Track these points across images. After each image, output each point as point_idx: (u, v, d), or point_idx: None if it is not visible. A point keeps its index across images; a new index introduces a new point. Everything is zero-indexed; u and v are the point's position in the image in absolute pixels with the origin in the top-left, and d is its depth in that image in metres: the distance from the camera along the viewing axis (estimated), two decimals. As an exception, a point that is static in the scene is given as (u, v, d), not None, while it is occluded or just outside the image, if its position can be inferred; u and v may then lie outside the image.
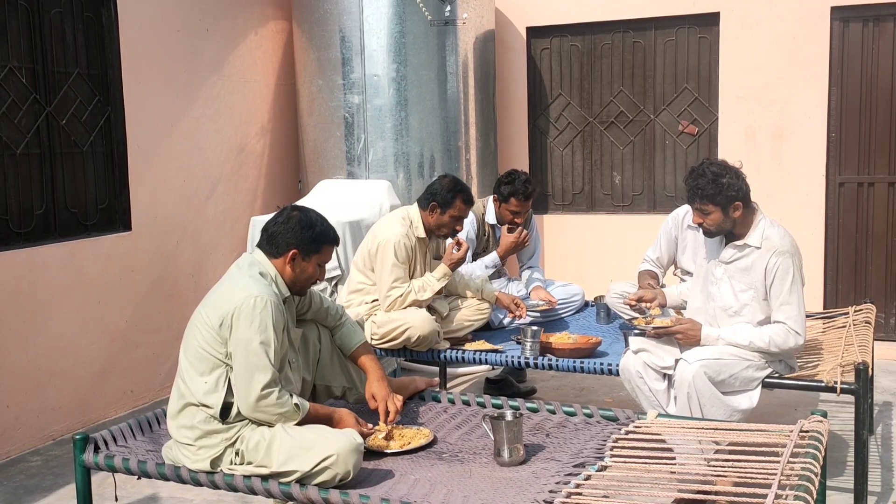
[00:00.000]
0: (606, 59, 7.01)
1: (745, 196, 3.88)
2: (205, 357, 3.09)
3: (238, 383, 3.06)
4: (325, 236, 3.29)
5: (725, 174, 3.84)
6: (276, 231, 3.24)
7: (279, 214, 3.30)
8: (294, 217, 3.26)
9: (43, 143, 5.15)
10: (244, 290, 3.09)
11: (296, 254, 3.22)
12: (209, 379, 3.09)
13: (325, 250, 3.29)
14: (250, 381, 3.03)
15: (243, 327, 3.04)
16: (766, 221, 3.94)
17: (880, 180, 6.31)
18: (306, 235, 3.23)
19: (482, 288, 4.91)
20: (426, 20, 6.18)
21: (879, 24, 6.20)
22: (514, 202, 5.16)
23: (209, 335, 3.09)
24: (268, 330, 3.06)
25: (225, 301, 3.10)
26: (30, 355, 4.96)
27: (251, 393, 3.03)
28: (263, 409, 3.05)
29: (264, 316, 3.06)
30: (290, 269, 3.23)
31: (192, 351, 3.13)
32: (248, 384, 3.04)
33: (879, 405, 5.28)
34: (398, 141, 6.21)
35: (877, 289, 6.37)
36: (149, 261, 5.74)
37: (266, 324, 3.06)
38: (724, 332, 3.92)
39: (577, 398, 5.54)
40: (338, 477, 2.92)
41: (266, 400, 3.04)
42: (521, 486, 2.88)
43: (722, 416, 3.74)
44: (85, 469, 3.23)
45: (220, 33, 6.26)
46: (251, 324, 3.04)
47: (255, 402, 3.03)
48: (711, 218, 3.89)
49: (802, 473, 2.60)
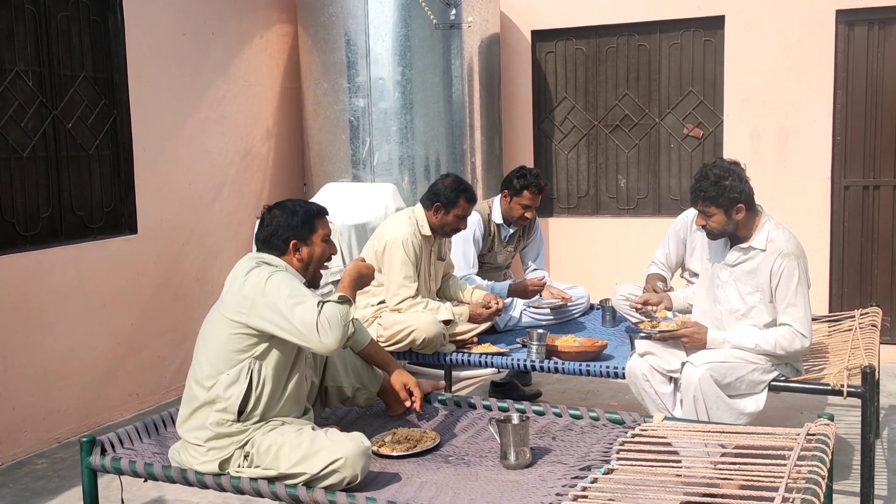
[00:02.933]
0: (611, 63, 7.01)
1: (747, 198, 3.88)
2: (229, 355, 3.08)
3: (301, 329, 2.99)
4: (312, 212, 3.31)
5: (728, 176, 3.85)
6: (268, 234, 3.27)
7: (262, 221, 3.33)
8: (274, 214, 3.29)
9: (49, 147, 5.17)
10: (259, 276, 3.09)
11: (296, 243, 3.24)
12: (231, 372, 3.07)
13: (319, 224, 3.30)
14: (307, 314, 2.98)
15: (270, 290, 3.02)
16: (771, 224, 3.94)
17: (886, 183, 6.30)
18: (294, 222, 3.25)
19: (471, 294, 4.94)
20: (431, 24, 6.19)
21: (885, 27, 6.19)
22: (527, 195, 5.17)
23: (234, 327, 3.07)
24: (294, 285, 3.06)
25: (247, 292, 3.07)
26: (36, 358, 4.97)
27: (308, 320, 2.97)
28: (327, 322, 2.98)
29: (285, 280, 3.06)
30: (297, 261, 3.26)
31: (213, 349, 3.11)
32: (308, 316, 2.97)
33: (885, 409, 5.27)
34: (403, 144, 6.22)
35: (882, 292, 6.36)
36: (154, 264, 5.75)
37: (290, 283, 3.06)
38: (729, 335, 3.92)
39: (582, 401, 5.54)
40: (345, 480, 2.91)
41: (322, 314, 2.98)
42: (527, 490, 2.87)
43: (728, 419, 3.74)
44: (91, 471, 3.24)
45: (225, 37, 6.28)
46: (277, 286, 3.03)
47: (316, 322, 2.97)
48: (714, 220, 3.90)
49: (809, 477, 2.59)
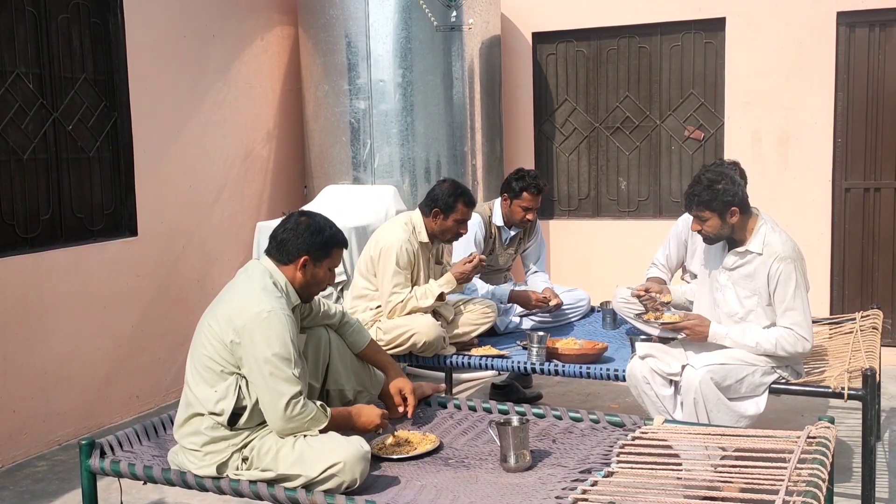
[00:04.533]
0: (612, 65, 7.01)
1: (741, 202, 3.89)
2: (214, 368, 3.08)
3: (265, 401, 3.04)
4: (335, 240, 3.28)
5: (721, 180, 3.86)
6: (286, 238, 3.22)
7: (287, 221, 3.28)
8: (303, 223, 3.24)
9: (49, 149, 5.17)
10: (257, 305, 3.06)
11: (307, 260, 3.20)
12: (219, 388, 3.07)
13: (335, 254, 3.28)
14: (277, 396, 3.01)
15: (259, 344, 3.01)
16: (768, 227, 3.94)
17: (887, 185, 6.29)
18: (316, 241, 3.22)
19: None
20: (432, 26, 6.18)
21: (886, 29, 6.19)
22: (526, 196, 5.16)
23: (220, 347, 3.07)
24: (286, 343, 3.04)
25: (236, 316, 3.06)
26: (36, 360, 4.97)
27: (279, 407, 3.01)
28: (295, 420, 3.03)
29: (279, 329, 3.04)
30: (300, 276, 3.22)
31: (201, 362, 3.12)
32: (276, 399, 3.01)
33: (887, 411, 5.26)
34: (404, 146, 6.21)
35: (884, 294, 6.35)
36: (155, 266, 5.75)
37: (282, 338, 3.03)
38: (732, 330, 3.92)
39: (583, 404, 5.53)
40: (344, 485, 2.91)
41: (295, 409, 3.02)
42: (527, 492, 2.87)
43: (729, 421, 3.74)
44: (91, 474, 3.24)
45: (226, 39, 6.28)
46: (267, 340, 3.02)
47: (284, 415, 3.01)
48: (709, 224, 3.91)
49: (810, 479, 2.59)
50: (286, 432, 3.05)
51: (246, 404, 3.07)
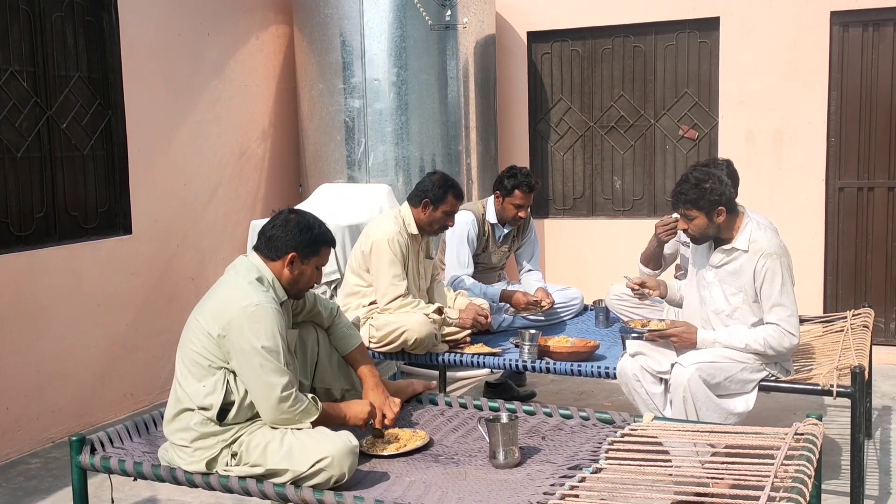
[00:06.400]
0: (607, 64, 7.02)
1: (728, 201, 3.91)
2: (202, 363, 3.09)
3: (256, 393, 3.06)
4: (323, 238, 3.30)
5: (708, 179, 3.88)
6: (274, 234, 3.24)
7: (276, 217, 3.30)
8: (292, 220, 3.26)
9: (44, 147, 5.17)
10: (245, 299, 3.08)
11: (294, 257, 3.22)
12: (207, 383, 3.09)
13: (323, 252, 3.30)
14: (268, 387, 3.03)
15: (248, 337, 3.03)
16: (753, 224, 3.96)
17: (880, 185, 6.30)
18: (305, 238, 3.23)
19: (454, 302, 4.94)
20: (427, 24, 6.19)
21: (879, 28, 6.20)
22: (518, 194, 5.17)
23: (207, 342, 3.09)
24: (274, 336, 3.06)
25: (224, 310, 3.08)
26: (30, 358, 4.97)
27: (271, 398, 3.03)
28: (286, 411, 3.05)
29: (267, 322, 3.05)
30: (287, 273, 3.23)
31: (189, 357, 3.13)
32: (268, 391, 3.03)
33: (878, 409, 5.27)
34: (399, 145, 6.22)
35: (876, 293, 6.36)
36: (149, 264, 5.76)
37: (270, 330, 3.05)
38: (719, 335, 3.94)
39: (576, 402, 5.54)
40: (332, 479, 2.92)
41: (287, 402, 3.05)
42: (515, 488, 2.88)
43: (717, 419, 3.75)
44: (81, 470, 3.25)
45: (221, 37, 6.28)
46: (255, 332, 3.03)
47: (276, 405, 3.03)
48: (696, 223, 3.93)
49: (796, 476, 2.60)
50: (277, 423, 3.07)
51: (234, 399, 3.08)
